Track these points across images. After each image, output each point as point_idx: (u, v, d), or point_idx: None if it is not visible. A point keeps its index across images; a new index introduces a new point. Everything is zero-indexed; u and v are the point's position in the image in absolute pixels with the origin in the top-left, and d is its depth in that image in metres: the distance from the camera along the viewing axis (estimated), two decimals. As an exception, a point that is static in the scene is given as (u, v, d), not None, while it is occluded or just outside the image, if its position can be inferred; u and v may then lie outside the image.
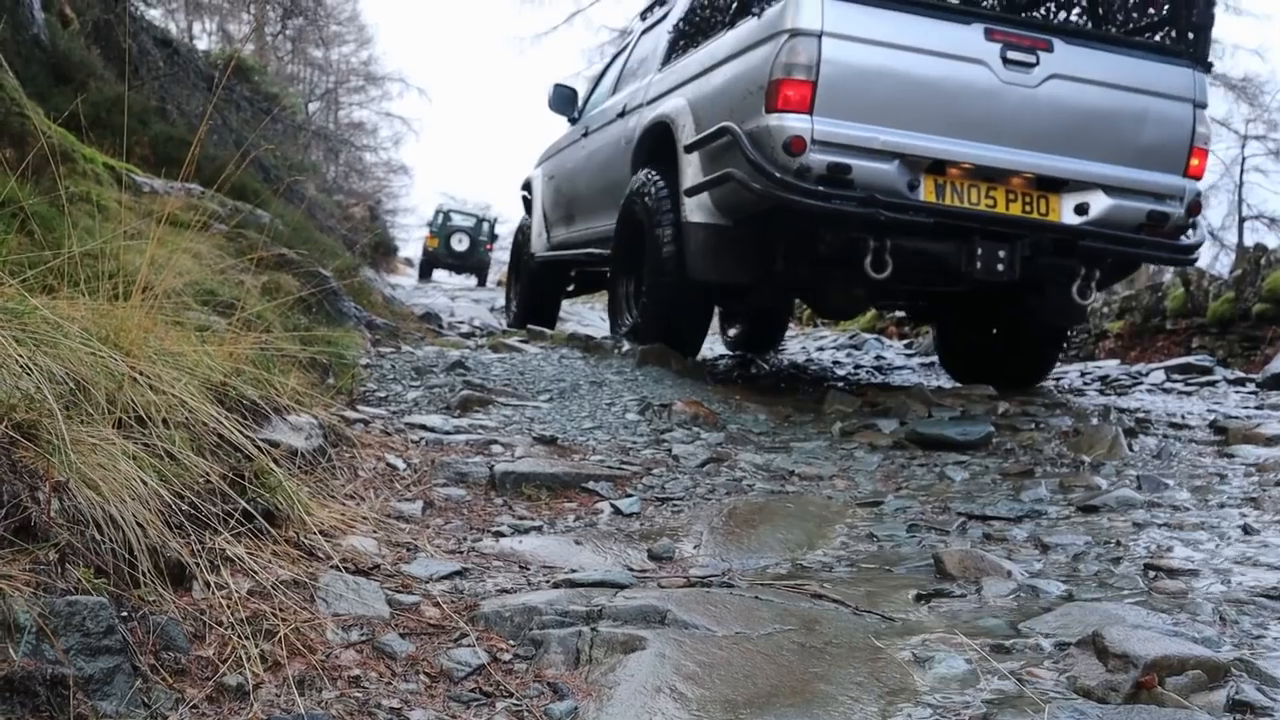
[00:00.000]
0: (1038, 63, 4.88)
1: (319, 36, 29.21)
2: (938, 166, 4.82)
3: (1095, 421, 4.73)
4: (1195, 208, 5.20)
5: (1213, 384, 6.46)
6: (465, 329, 8.86)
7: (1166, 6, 5.44)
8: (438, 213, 29.05)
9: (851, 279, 4.94)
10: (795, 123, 4.63)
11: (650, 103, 6.12)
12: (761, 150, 4.69)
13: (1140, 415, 4.98)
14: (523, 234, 8.89)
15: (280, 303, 4.40)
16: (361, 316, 6.33)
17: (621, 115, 6.70)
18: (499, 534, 2.71)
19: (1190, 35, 5.26)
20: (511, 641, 1.92)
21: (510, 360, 5.47)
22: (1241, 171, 22.71)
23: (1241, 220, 22.64)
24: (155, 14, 17.44)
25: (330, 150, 24.25)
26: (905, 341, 11.14)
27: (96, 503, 1.74)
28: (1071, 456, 3.98)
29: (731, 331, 8.88)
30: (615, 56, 7.99)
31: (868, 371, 7.85)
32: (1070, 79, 4.93)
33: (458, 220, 28.60)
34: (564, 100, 8.01)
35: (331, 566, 2.12)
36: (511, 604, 2.03)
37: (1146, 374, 7.00)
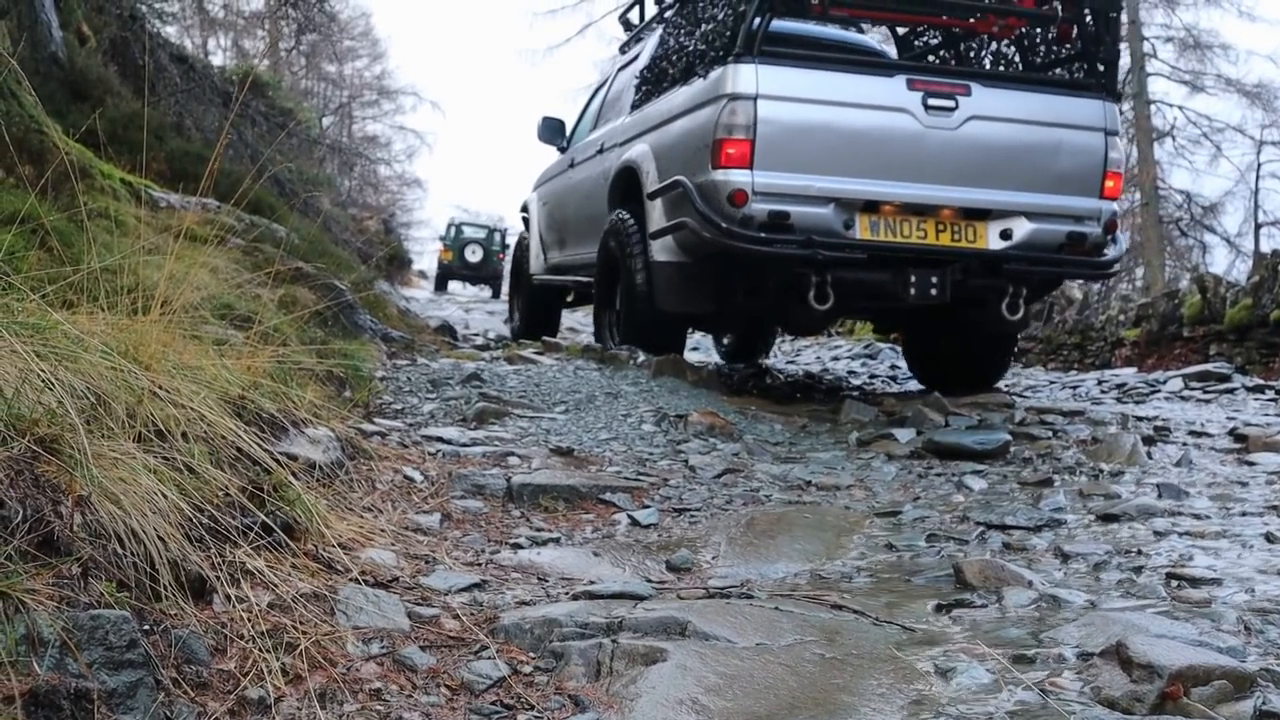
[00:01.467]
0: (957, 106, 5.36)
1: (333, 51, 29.40)
2: (871, 206, 5.31)
3: (1114, 430, 4.71)
4: (1111, 226, 5.66)
5: (1231, 391, 6.42)
6: (480, 341, 8.88)
7: (1078, 43, 5.85)
8: (450, 226, 29.31)
9: (801, 308, 5.38)
10: (737, 177, 5.15)
11: (622, 144, 6.58)
12: (709, 202, 5.21)
13: (1159, 423, 4.95)
14: (522, 250, 9.28)
15: (297, 316, 4.42)
16: (377, 329, 6.35)
17: (600, 152, 7.12)
18: (517, 546, 2.71)
19: (1100, 69, 5.72)
20: (532, 654, 1.91)
21: (525, 372, 5.47)
22: (1257, 178, 22.60)
23: (1258, 226, 22.52)
24: (171, 31, 17.58)
25: (345, 164, 24.36)
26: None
27: (118, 516, 1.74)
28: (1090, 465, 3.95)
29: (725, 341, 9.28)
30: (597, 90, 8.35)
31: (883, 381, 7.83)
32: (988, 119, 5.41)
33: (470, 232, 28.84)
34: (552, 131, 8.43)
35: (351, 579, 2.12)
36: (531, 616, 2.02)
37: (1164, 382, 6.95)
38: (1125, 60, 23.56)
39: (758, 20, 5.21)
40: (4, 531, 1.55)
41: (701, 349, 10.24)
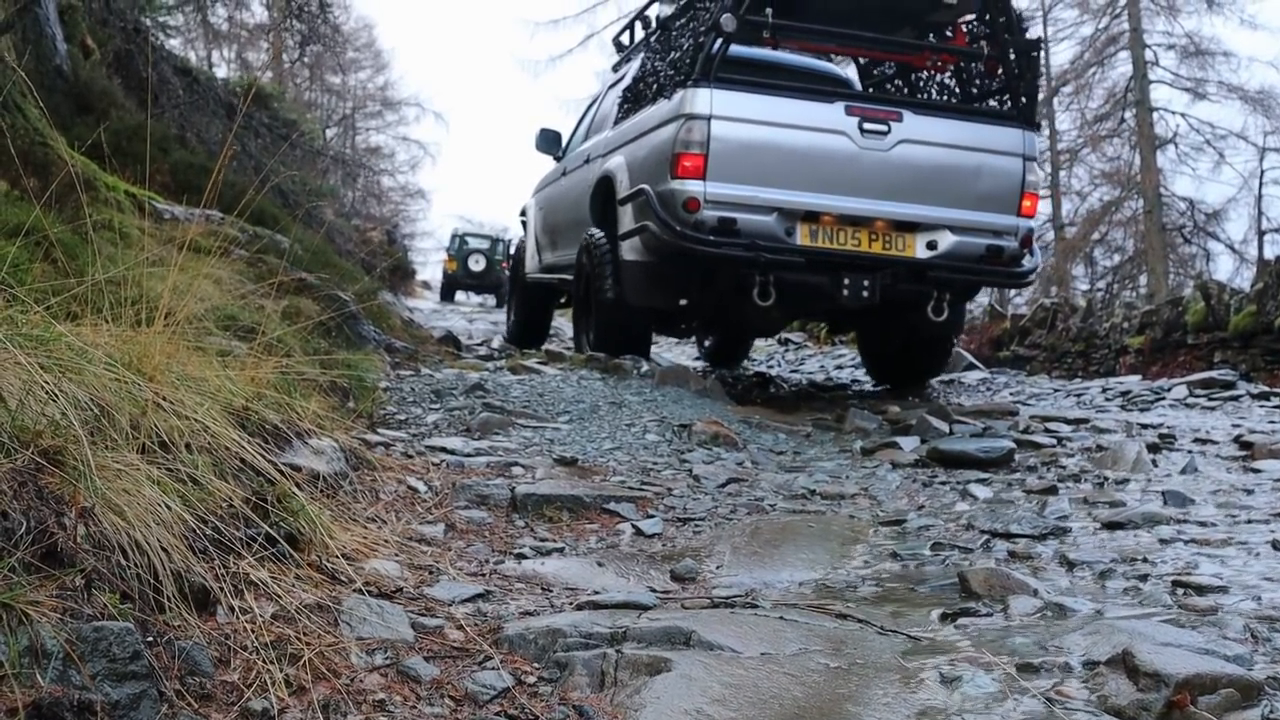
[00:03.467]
0: (889, 131, 6.04)
1: (336, 63, 29.48)
2: (811, 216, 5.96)
3: (1118, 437, 4.70)
4: (1027, 241, 6.34)
5: (1236, 398, 6.40)
6: (484, 351, 8.88)
7: (1003, 79, 6.55)
8: (454, 237, 29.54)
9: (748, 305, 6.00)
10: (692, 187, 5.84)
11: (604, 156, 7.23)
12: (667, 208, 5.91)
13: (1164, 431, 4.94)
14: (519, 254, 9.91)
15: (300, 327, 4.42)
16: (381, 339, 6.35)
17: (587, 162, 7.76)
18: (521, 556, 2.70)
19: (1021, 102, 6.42)
20: (536, 664, 1.91)
21: (529, 382, 5.47)
22: (1260, 184, 22.60)
23: (1261, 233, 22.51)
24: (175, 43, 17.65)
25: (348, 175, 24.42)
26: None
27: (121, 528, 1.74)
28: (1095, 472, 3.94)
29: (706, 344, 9.99)
30: (590, 104, 8.96)
31: (887, 389, 7.82)
32: (917, 142, 6.09)
33: (474, 243, 29.05)
34: (549, 141, 9.12)
35: (355, 590, 2.12)
36: (535, 626, 2.02)
37: (1168, 389, 6.94)
38: (1127, 68, 23.59)
39: (715, 48, 5.89)
40: (8, 543, 1.55)
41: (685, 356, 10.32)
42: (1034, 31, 6.74)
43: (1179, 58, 23.84)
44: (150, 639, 1.62)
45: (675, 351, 10.75)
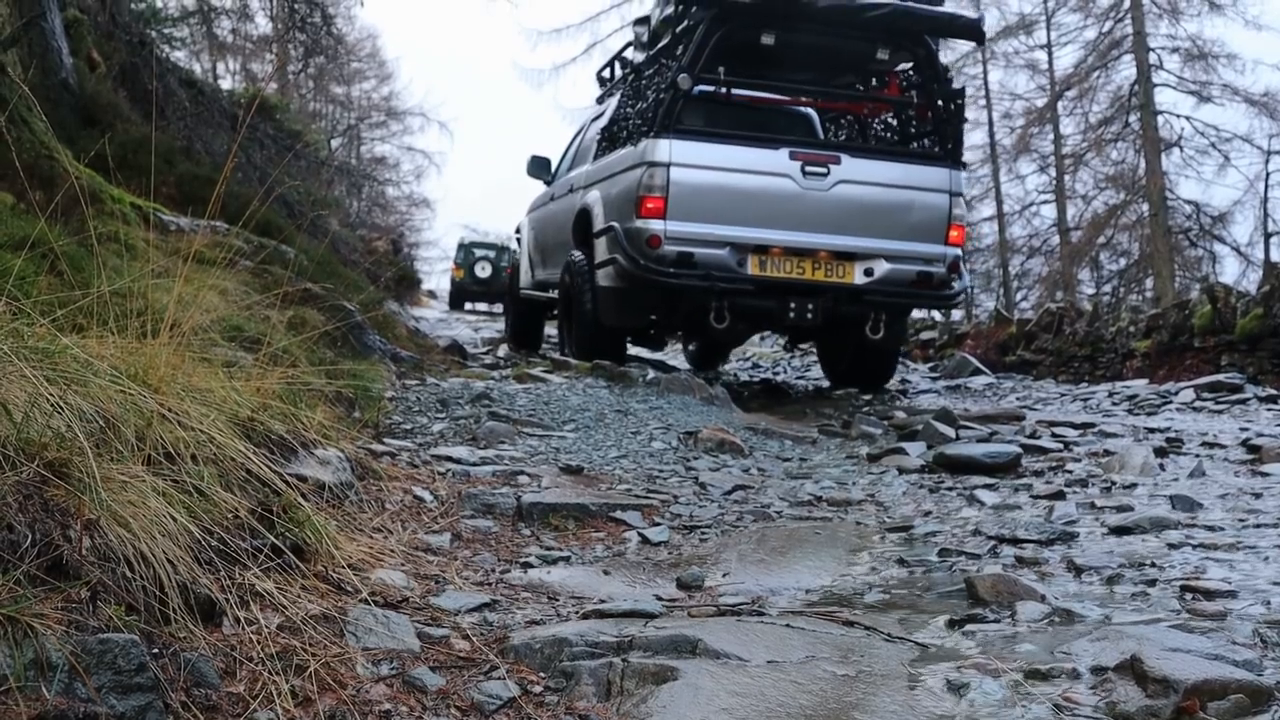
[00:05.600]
0: (829, 173, 6.84)
1: (340, 74, 29.56)
2: (760, 248, 6.74)
3: (1126, 442, 4.68)
4: (954, 266, 7.11)
5: (1244, 402, 6.38)
6: (489, 360, 8.89)
7: (932, 124, 7.40)
8: (460, 247, 29.74)
9: (707, 325, 6.82)
10: (654, 225, 6.62)
11: (584, 188, 8.01)
12: (633, 243, 6.70)
13: (1171, 435, 4.92)
14: (515, 268, 10.85)
15: (306, 337, 4.42)
16: (386, 349, 6.36)
17: (571, 191, 8.54)
18: (527, 565, 2.70)
19: (948, 145, 7.24)
20: (542, 673, 1.91)
21: (535, 391, 5.47)
22: (1266, 187, 22.49)
23: (1268, 236, 22.40)
24: (180, 56, 17.71)
25: (353, 185, 24.44)
26: (931, 365, 11.09)
27: (127, 540, 1.74)
28: (1102, 477, 3.93)
29: (690, 348, 10.79)
30: (576, 134, 9.74)
31: (893, 395, 7.80)
32: (854, 182, 6.87)
33: (480, 252, 29.18)
34: (539, 167, 9.96)
35: (360, 600, 2.12)
36: (541, 635, 2.02)
37: (1175, 393, 6.92)
38: (1131, 72, 23.57)
39: (673, 104, 6.70)
40: (13, 556, 1.55)
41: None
42: (958, 82, 7.83)
43: (1183, 61, 23.78)
44: (156, 651, 1.62)
45: (664, 354, 10.89)
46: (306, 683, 1.72)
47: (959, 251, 7.18)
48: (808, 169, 6.77)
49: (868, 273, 6.87)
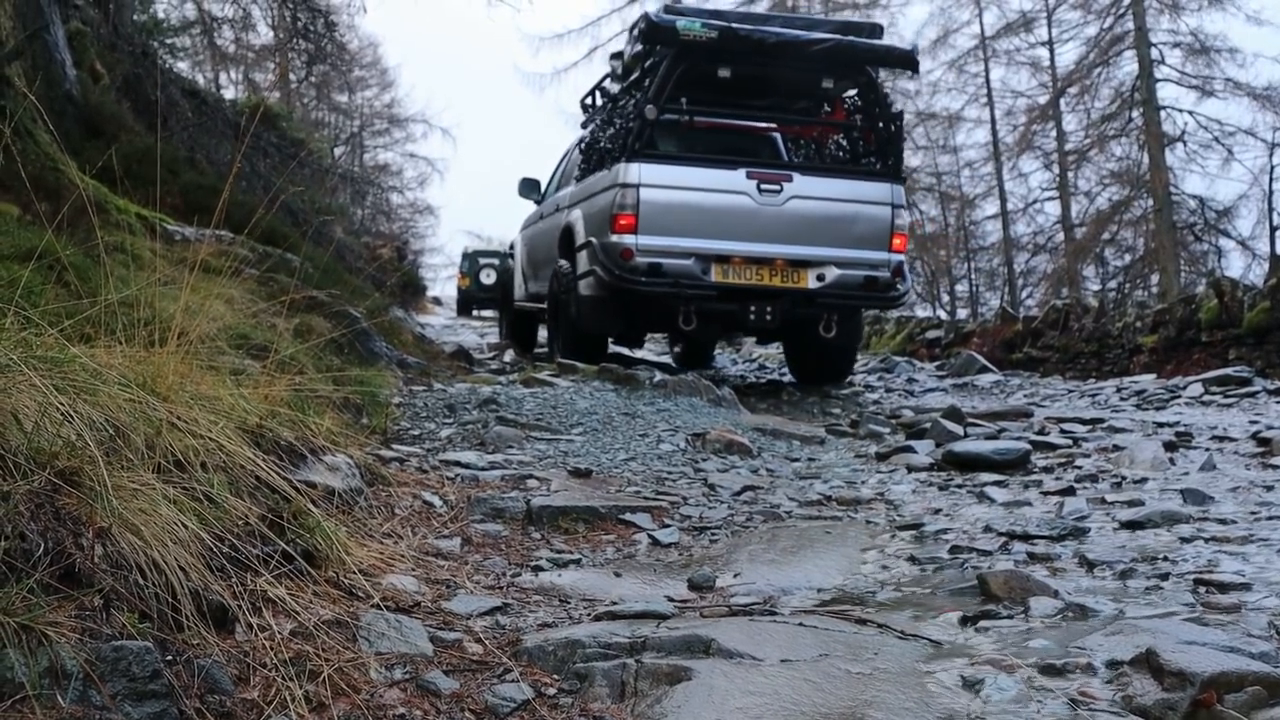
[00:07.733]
0: (782, 190, 7.54)
1: (343, 81, 29.61)
2: (722, 258, 7.44)
3: (1135, 437, 4.67)
4: (898, 271, 7.77)
5: (1253, 395, 6.36)
6: (496, 365, 8.89)
7: (876, 144, 8.16)
8: (464, 257, 29.87)
9: (678, 328, 7.58)
10: (627, 240, 7.32)
11: (568, 207, 8.75)
12: (609, 256, 7.39)
13: (1180, 429, 4.91)
14: (508, 278, 11.79)
15: (312, 344, 4.43)
16: (393, 355, 6.36)
17: (558, 210, 9.25)
18: (538, 568, 2.70)
19: (889, 162, 7.97)
20: (555, 676, 1.90)
21: (542, 395, 5.47)
22: (1270, 180, 22.40)
23: (1273, 229, 22.31)
24: (183, 66, 17.76)
25: (357, 193, 24.48)
26: (937, 364, 11.07)
27: (139, 547, 1.74)
28: (1112, 472, 3.92)
29: (676, 349, 11.51)
30: (563, 157, 10.51)
31: (900, 394, 7.80)
32: (805, 197, 7.57)
33: (485, 260, 29.30)
34: (529, 187, 10.79)
35: (372, 605, 2.12)
36: (554, 638, 2.01)
37: (1184, 388, 6.90)
38: (1132, 67, 23.53)
39: (641, 131, 7.44)
40: (26, 564, 1.55)
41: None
42: (898, 106, 8.51)
43: (1185, 55, 23.72)
44: (169, 658, 1.62)
45: (643, 351, 11.27)
46: (320, 688, 1.72)
47: (902, 257, 7.90)
48: (763, 186, 7.50)
49: (820, 278, 7.57)
